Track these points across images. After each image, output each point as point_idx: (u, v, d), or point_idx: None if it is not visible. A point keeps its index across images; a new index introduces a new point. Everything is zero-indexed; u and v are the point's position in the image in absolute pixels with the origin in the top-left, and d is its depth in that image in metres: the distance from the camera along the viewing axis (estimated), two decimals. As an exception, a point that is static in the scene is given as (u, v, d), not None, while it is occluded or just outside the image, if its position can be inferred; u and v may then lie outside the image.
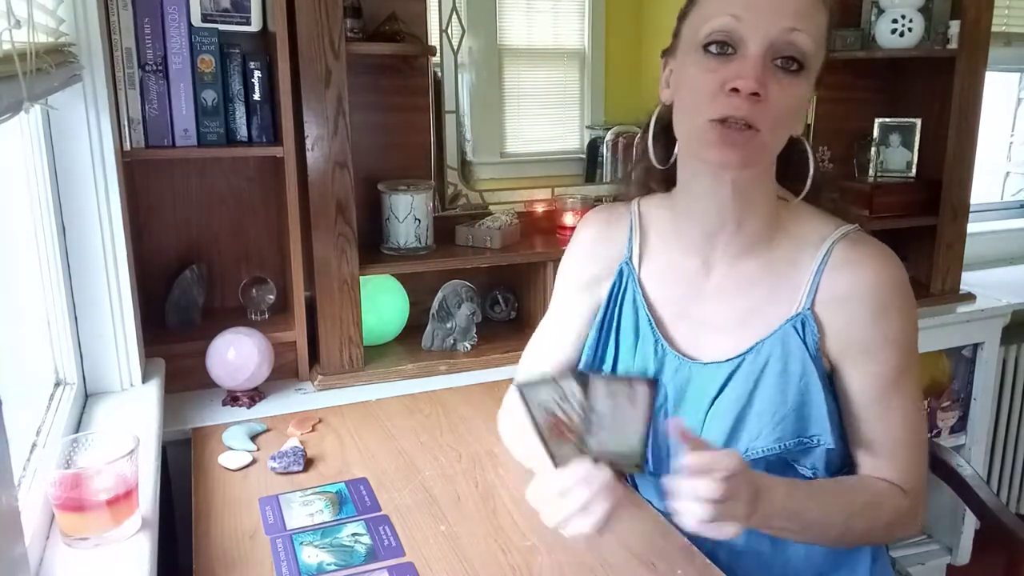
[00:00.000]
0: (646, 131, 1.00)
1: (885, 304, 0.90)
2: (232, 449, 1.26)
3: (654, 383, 0.77)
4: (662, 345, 0.99)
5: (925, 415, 1.00)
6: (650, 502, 1.07)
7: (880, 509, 0.93)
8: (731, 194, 0.91)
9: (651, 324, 1.00)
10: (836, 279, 0.91)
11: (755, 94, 0.82)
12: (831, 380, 0.95)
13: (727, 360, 0.95)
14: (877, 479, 0.94)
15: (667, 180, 1.02)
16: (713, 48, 0.85)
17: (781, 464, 0.95)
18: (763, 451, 0.92)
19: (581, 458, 0.78)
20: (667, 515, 1.02)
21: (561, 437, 0.78)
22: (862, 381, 0.93)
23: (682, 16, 0.92)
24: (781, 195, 0.96)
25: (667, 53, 0.96)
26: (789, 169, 0.96)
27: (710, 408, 0.95)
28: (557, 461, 0.78)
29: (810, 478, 0.95)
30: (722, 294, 0.97)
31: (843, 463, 0.98)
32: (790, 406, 0.91)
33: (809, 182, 0.94)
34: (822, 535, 0.92)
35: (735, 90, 0.82)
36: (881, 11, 2.02)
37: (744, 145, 0.84)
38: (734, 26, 0.83)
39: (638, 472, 0.95)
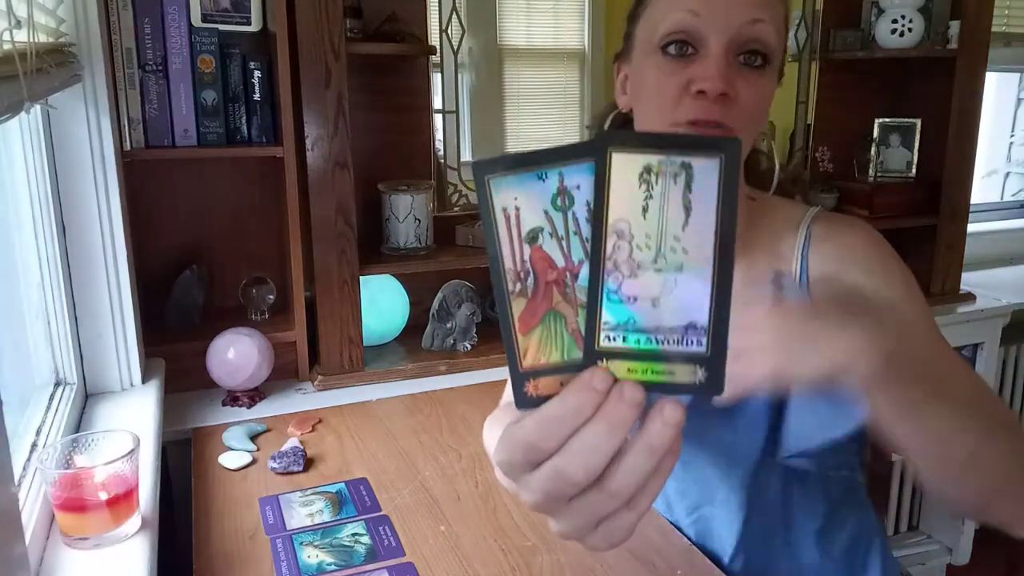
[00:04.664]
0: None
1: (875, 259, 0.86)
2: (232, 449, 1.26)
3: (733, 145, 0.39)
4: None
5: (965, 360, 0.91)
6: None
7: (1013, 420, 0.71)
8: None
9: None
10: (821, 254, 0.88)
11: (723, 95, 0.77)
12: None
13: None
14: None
15: None
16: (672, 49, 0.79)
17: (814, 475, 0.91)
18: (816, 445, 0.85)
19: (578, 361, 0.40)
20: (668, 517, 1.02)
21: (539, 303, 0.40)
22: None
23: (632, 18, 0.87)
24: (751, 195, 0.93)
25: (619, 58, 0.91)
26: (755, 167, 0.93)
27: (727, 421, 0.90)
28: (523, 372, 0.41)
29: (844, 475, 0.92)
30: None
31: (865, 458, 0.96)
32: (817, 400, 0.85)
33: (775, 182, 0.89)
34: (962, 433, 0.60)
35: (702, 92, 0.77)
36: (881, 11, 2.03)
37: None
38: (692, 23, 0.78)
39: (699, 390, 0.40)
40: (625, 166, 0.39)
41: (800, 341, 0.52)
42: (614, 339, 0.40)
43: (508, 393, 1.06)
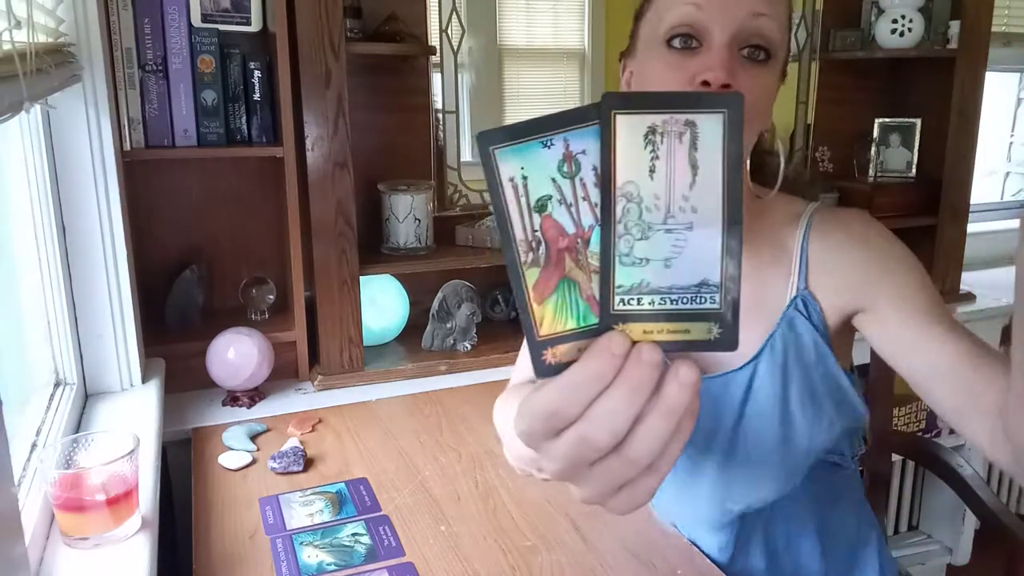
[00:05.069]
0: None
1: (876, 243, 0.87)
2: (232, 449, 1.26)
3: (736, 100, 0.39)
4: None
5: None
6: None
7: None
8: None
9: None
10: (822, 242, 0.88)
11: (726, 86, 0.77)
12: (853, 370, 0.92)
13: (742, 367, 0.89)
14: None
15: None
16: (677, 42, 0.80)
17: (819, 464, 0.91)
18: (824, 445, 0.87)
19: (594, 328, 0.40)
20: (664, 518, 1.02)
21: (552, 271, 0.40)
22: (895, 315, 0.83)
23: (638, 15, 0.88)
24: (757, 192, 0.93)
25: (625, 55, 0.92)
26: (762, 166, 0.93)
27: (740, 419, 0.90)
28: (540, 341, 0.41)
29: (839, 465, 0.93)
30: None
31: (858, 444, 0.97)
32: (823, 391, 0.87)
33: (780, 178, 0.90)
34: None
35: (705, 83, 0.77)
36: (881, 11, 2.03)
37: None
38: (696, 16, 0.79)
39: (715, 347, 0.41)
40: (630, 128, 0.39)
41: None
42: (629, 302, 0.40)
43: (518, 374, 1.04)
